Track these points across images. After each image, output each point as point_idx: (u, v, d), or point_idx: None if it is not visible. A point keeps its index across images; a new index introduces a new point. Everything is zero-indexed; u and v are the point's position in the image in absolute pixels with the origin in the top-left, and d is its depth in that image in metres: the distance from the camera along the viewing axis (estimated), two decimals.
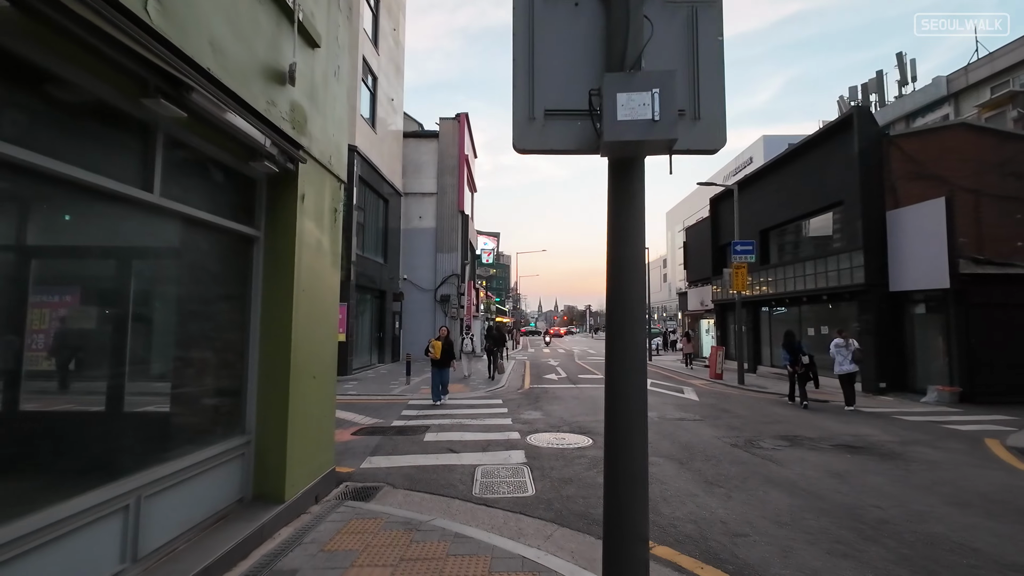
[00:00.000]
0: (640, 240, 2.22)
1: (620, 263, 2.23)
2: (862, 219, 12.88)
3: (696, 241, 25.24)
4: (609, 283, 2.26)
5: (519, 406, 10.17)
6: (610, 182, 2.18)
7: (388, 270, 19.23)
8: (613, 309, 2.27)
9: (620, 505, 2.12)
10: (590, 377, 16.34)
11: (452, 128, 22.30)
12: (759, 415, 9.26)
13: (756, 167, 18.60)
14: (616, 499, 2.18)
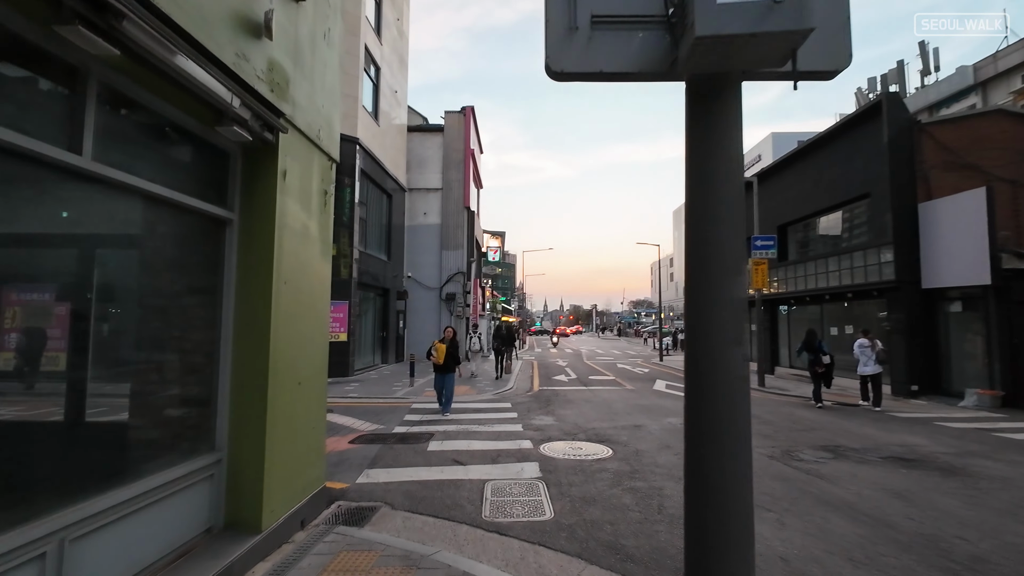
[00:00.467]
0: (738, 199, 1.58)
1: (705, 230, 1.58)
2: (892, 212, 12.13)
3: None
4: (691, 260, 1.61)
5: (529, 410, 9.53)
6: (691, 119, 1.54)
7: (392, 268, 18.65)
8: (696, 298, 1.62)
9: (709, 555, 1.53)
10: (602, 379, 15.67)
11: (458, 122, 21.68)
12: (789, 421, 8.57)
13: (773, 160, 17.85)
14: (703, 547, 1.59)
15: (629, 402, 10.68)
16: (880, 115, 12.57)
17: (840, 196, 14.19)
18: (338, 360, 13.93)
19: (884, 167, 12.35)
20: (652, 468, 5.61)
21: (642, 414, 9.14)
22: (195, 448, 3.32)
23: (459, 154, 21.51)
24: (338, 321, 14.04)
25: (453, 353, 8.97)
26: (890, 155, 12.24)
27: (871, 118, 12.99)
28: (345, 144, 14.25)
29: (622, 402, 10.68)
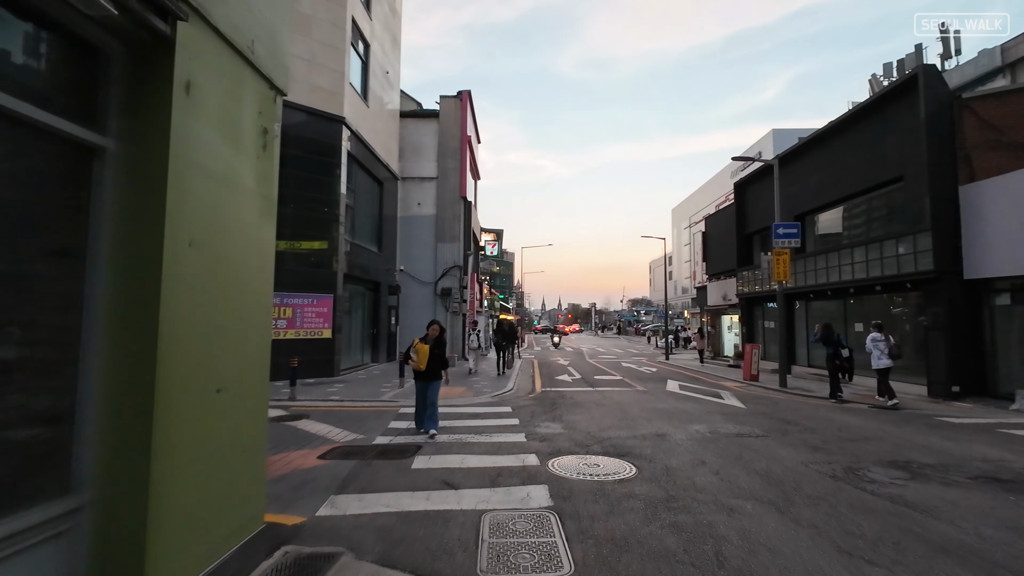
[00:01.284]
0: None
1: None
2: (930, 196, 11.02)
3: (717, 231, 23.39)
4: None
5: (533, 416, 8.39)
6: None
7: (383, 260, 17.49)
8: None
9: None
10: (608, 379, 14.54)
11: (454, 107, 20.51)
12: (833, 428, 7.45)
13: (790, 147, 16.71)
14: None
15: (644, 405, 9.55)
16: (915, 90, 11.46)
17: (868, 181, 13.08)
18: (322, 359, 12.78)
19: (921, 147, 11.24)
20: (692, 493, 4.47)
21: (662, 420, 8.01)
22: (40, 491, 2.17)
23: (455, 141, 20.34)
24: (322, 317, 12.88)
25: (439, 355, 7.03)
26: (927, 134, 11.13)
27: (904, 94, 11.88)
28: (331, 124, 13.11)
29: (636, 405, 9.55)
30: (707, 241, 24.59)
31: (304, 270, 12.70)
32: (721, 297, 22.24)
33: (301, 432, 7.06)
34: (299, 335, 12.48)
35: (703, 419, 8.10)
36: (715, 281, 23.37)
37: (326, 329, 12.93)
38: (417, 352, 6.85)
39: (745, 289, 19.40)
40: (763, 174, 19.06)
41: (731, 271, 21.15)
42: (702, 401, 10.23)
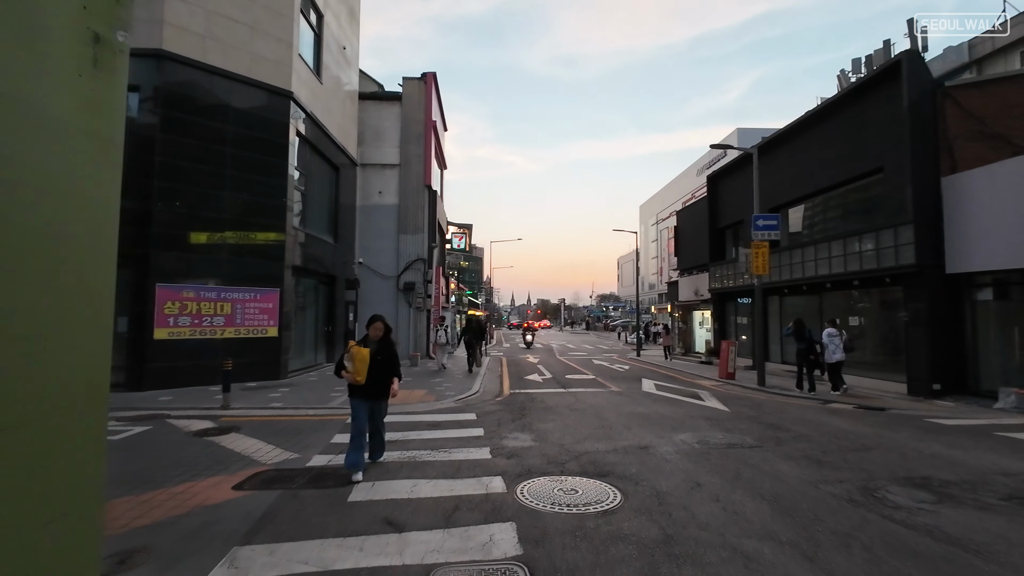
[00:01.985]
0: None
1: None
2: (912, 187, 10.64)
3: (689, 225, 22.99)
4: None
5: (500, 424, 7.46)
6: None
7: (340, 252, 16.19)
8: None
9: None
10: (580, 378, 13.75)
11: (418, 90, 19.28)
12: (827, 435, 6.80)
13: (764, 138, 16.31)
14: None
15: (622, 410, 8.75)
16: (898, 78, 11.05)
17: (846, 172, 12.69)
18: (267, 360, 11.50)
19: (903, 137, 10.84)
20: (694, 532, 3.63)
21: (643, 427, 7.21)
22: None
23: (419, 126, 19.13)
24: (267, 313, 11.57)
25: (387, 362, 5.09)
26: (911, 123, 10.73)
27: (885, 82, 11.47)
28: (277, 99, 11.79)
29: (612, 409, 8.75)
30: (678, 235, 24.19)
31: (246, 261, 11.36)
32: (693, 292, 21.86)
33: (222, 451, 5.91)
34: (239, 334, 11.15)
35: (687, 425, 7.35)
36: (687, 276, 22.99)
37: (271, 327, 11.63)
38: (354, 359, 4.83)
39: (718, 284, 19.00)
40: (736, 167, 18.68)
41: (703, 266, 20.76)
42: (682, 403, 9.53)
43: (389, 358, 5.15)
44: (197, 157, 10.68)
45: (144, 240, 10.02)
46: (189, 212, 10.56)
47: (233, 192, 11.15)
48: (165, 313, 10.19)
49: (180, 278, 10.41)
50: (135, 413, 8.08)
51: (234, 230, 11.18)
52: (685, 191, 51.41)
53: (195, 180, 10.65)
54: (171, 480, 4.82)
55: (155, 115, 10.17)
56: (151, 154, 10.10)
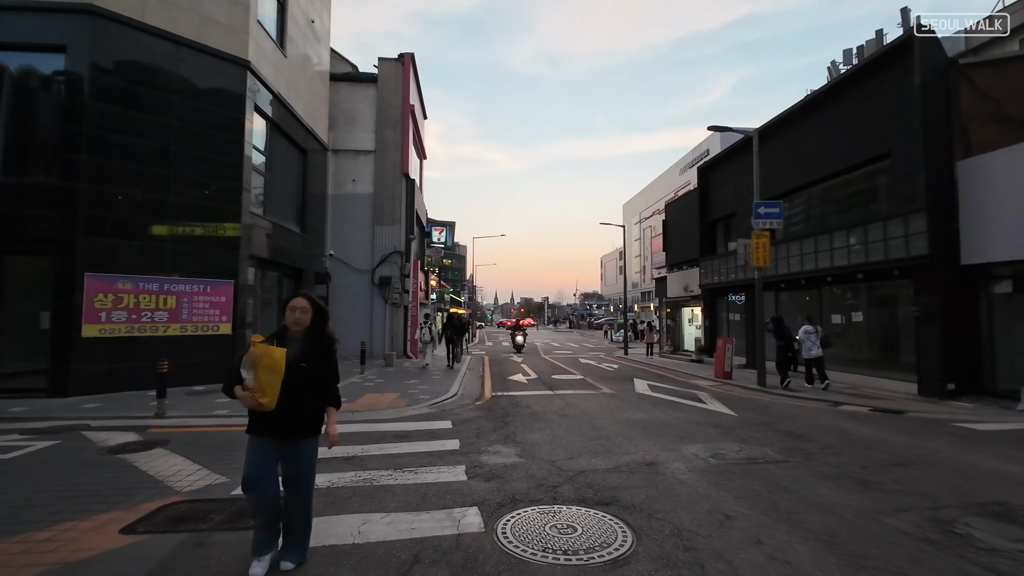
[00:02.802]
0: None
1: None
2: (924, 173, 9.89)
3: (679, 219, 22.22)
4: None
5: (479, 434, 6.41)
6: None
7: (307, 243, 14.93)
8: None
9: None
10: (568, 378, 12.77)
11: (394, 71, 18.07)
12: (857, 445, 5.92)
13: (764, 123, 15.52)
14: None
15: (618, 415, 7.78)
16: (908, 56, 10.30)
17: (850, 159, 11.93)
18: (218, 360, 10.25)
19: (915, 119, 10.08)
20: None
21: (646, 438, 6.24)
22: None
23: (396, 110, 17.94)
24: (218, 307, 10.32)
25: (320, 377, 2.92)
26: (923, 104, 9.98)
27: (895, 61, 10.72)
28: (231, 68, 10.54)
29: (607, 415, 7.76)
30: (667, 229, 23.42)
31: (195, 249, 10.09)
32: (682, 288, 21.09)
33: (133, 474, 4.75)
34: (186, 331, 9.89)
35: (695, 435, 6.40)
36: (676, 272, 22.22)
37: (224, 323, 10.38)
38: (256, 365, 2.63)
39: (709, 280, 18.23)
40: (729, 157, 17.93)
41: (693, 261, 19.99)
42: (682, 407, 8.59)
43: (321, 368, 2.90)
44: (135, 130, 9.38)
45: (70, 224, 8.69)
46: (125, 193, 9.25)
47: (179, 171, 9.86)
48: (96, 307, 8.88)
49: (115, 267, 9.10)
50: (47, 424, 6.82)
51: (181, 214, 9.90)
52: (668, 190, 51.09)
53: (133, 156, 9.34)
54: (46, 519, 3.67)
55: (83, 80, 8.85)
56: (77, 124, 8.77)
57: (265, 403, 2.66)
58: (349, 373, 12.51)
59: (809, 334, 10.77)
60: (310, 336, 2.95)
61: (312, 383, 2.88)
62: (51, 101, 9.04)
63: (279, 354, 2.70)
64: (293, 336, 2.93)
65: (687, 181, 41.93)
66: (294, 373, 2.75)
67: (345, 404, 8.30)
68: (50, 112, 8.99)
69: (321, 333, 3.00)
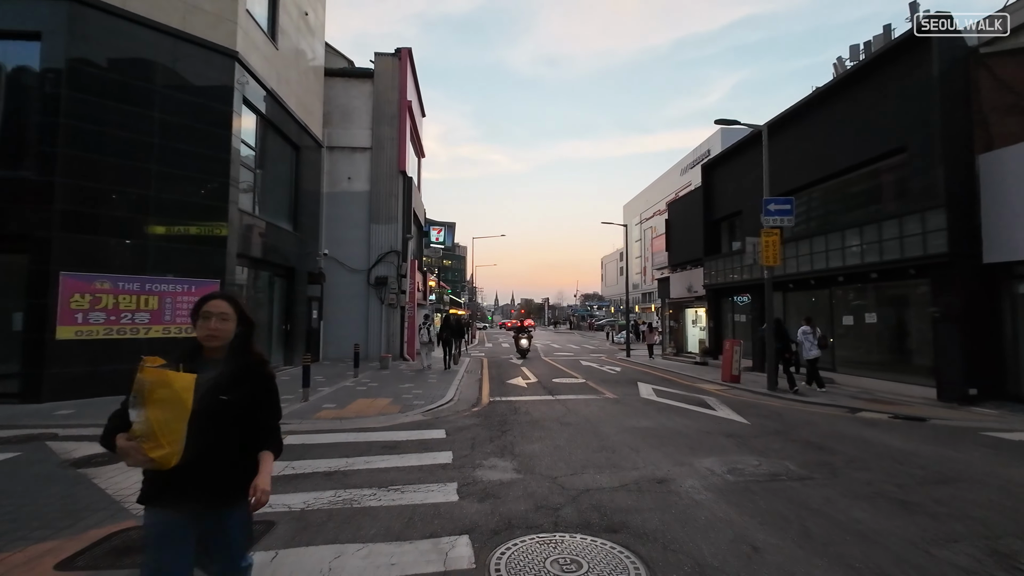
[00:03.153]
0: None
1: None
2: (944, 167, 9.43)
3: (682, 218, 21.76)
4: None
5: (474, 445, 5.94)
6: None
7: (301, 242, 14.49)
8: None
9: None
10: (570, 382, 12.30)
11: (391, 66, 17.63)
12: (885, 458, 5.45)
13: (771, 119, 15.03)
14: None
15: (622, 422, 7.31)
16: (926, 45, 9.85)
17: (863, 154, 11.47)
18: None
19: (933, 111, 9.63)
20: None
21: (654, 448, 5.78)
22: None
23: (393, 106, 17.50)
24: None
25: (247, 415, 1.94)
26: (942, 95, 9.53)
27: (909, 53, 10.26)
28: (218, 58, 10.12)
29: (611, 422, 7.30)
30: (670, 229, 22.95)
31: (179, 247, 9.64)
32: (686, 289, 20.62)
33: (90, 492, 4.30)
34: (169, 333, 9.43)
35: (707, 445, 5.93)
36: (679, 272, 21.75)
37: None
38: (144, 402, 1.62)
39: (713, 280, 17.77)
40: (733, 155, 17.47)
41: (697, 260, 19.52)
42: (691, 414, 8.13)
43: (251, 400, 1.96)
44: (116, 123, 8.94)
45: (45, 220, 8.24)
46: (105, 188, 8.80)
47: (163, 166, 9.41)
48: (72, 308, 8.43)
49: (93, 266, 8.65)
50: (12, 432, 6.38)
51: (164, 211, 9.45)
52: (669, 190, 50.74)
53: (113, 150, 8.90)
54: None
55: (60, 69, 8.41)
56: (54, 116, 8.33)
57: (161, 458, 1.64)
58: (342, 377, 12.06)
59: (807, 335, 10.69)
60: (234, 355, 1.97)
61: (238, 423, 1.91)
62: (26, 91, 8.60)
63: (183, 383, 1.69)
64: (210, 357, 1.93)
65: (688, 182, 41.54)
66: (209, 409, 1.79)
67: (333, 411, 7.85)
68: (25, 103, 8.54)
69: (245, 351, 2.01)
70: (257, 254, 11.78)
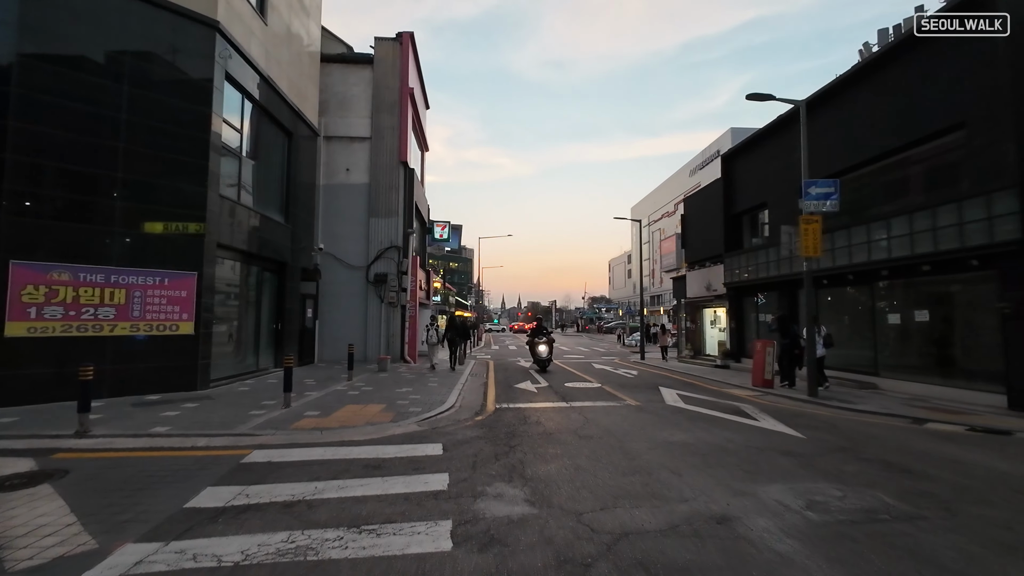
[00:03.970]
0: None
1: None
2: (1014, 143, 8.25)
3: (699, 214, 20.59)
4: None
5: (476, 465, 4.85)
6: None
7: (294, 235, 13.50)
8: None
9: None
10: (584, 386, 11.17)
11: (392, 52, 16.66)
12: (999, 485, 4.31)
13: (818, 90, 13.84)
14: None
15: (652, 435, 6.20)
16: (990, 6, 8.69)
17: (912, 133, 10.29)
18: (178, 365, 8.82)
19: (999, 79, 8.47)
20: None
21: (698, 470, 4.65)
22: None
23: (394, 93, 16.51)
24: (177, 303, 8.87)
25: None
26: (1011, 64, 8.36)
27: (971, 7, 9.09)
28: (195, 28, 9.14)
29: (640, 436, 6.17)
30: (686, 225, 21.79)
31: (150, 236, 8.67)
32: (704, 287, 19.42)
33: None
34: (138, 330, 8.43)
35: (764, 466, 4.80)
36: (696, 270, 20.56)
37: (184, 321, 8.92)
38: None
39: (734, 278, 16.58)
40: (758, 142, 16.30)
41: (716, 257, 18.34)
42: (729, 424, 6.98)
43: None
44: (77, 94, 7.98)
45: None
46: (64, 167, 7.83)
47: (132, 144, 8.44)
48: (24, 301, 7.44)
49: (49, 254, 7.67)
50: None
51: (133, 194, 8.46)
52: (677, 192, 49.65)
53: (75, 124, 7.93)
54: None
55: (11, 32, 7.46)
56: (3, 84, 7.37)
57: None
58: (334, 381, 11.02)
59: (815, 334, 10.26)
60: None
61: None
62: None
63: None
64: None
65: (697, 182, 40.46)
66: None
67: (315, 419, 6.79)
68: None
69: None
70: (242, 246, 10.78)
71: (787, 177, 13.84)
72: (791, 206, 13.47)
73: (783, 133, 14.41)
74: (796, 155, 13.15)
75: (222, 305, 10.49)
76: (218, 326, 10.18)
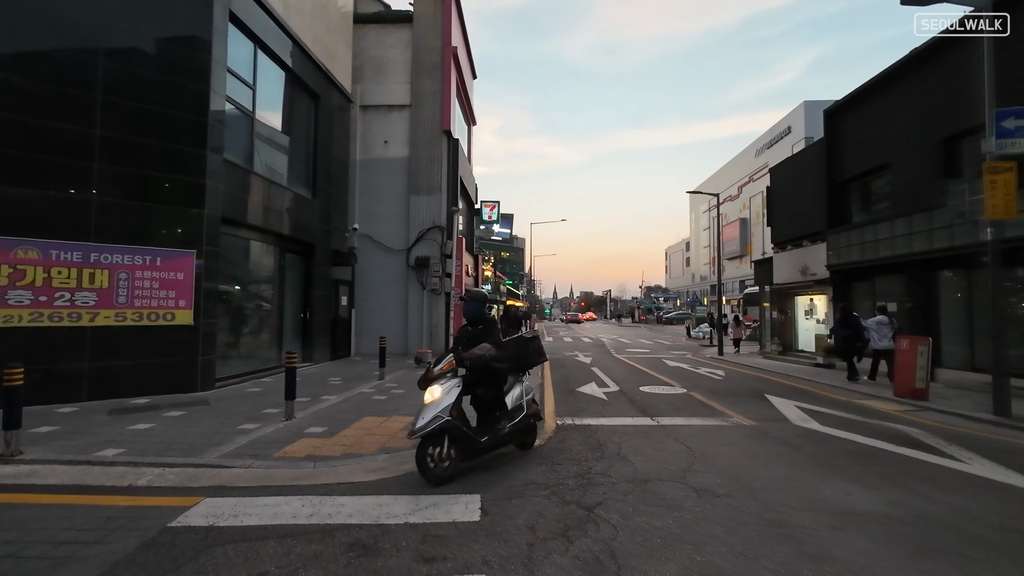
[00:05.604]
0: None
1: None
2: None
3: (790, 184, 17.45)
4: None
5: (532, 560, 2.80)
6: None
7: (326, 215, 11.96)
8: None
9: None
10: (665, 392, 8.88)
11: (432, 8, 14.75)
12: None
13: (942, 30, 10.65)
14: None
15: (814, 496, 3.92)
16: None
17: None
18: (172, 361, 7.36)
19: None
20: None
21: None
22: None
23: (435, 55, 14.63)
24: (172, 287, 7.39)
25: None
26: None
27: None
28: None
29: (794, 496, 3.91)
30: (771, 199, 18.65)
31: (137, 206, 7.21)
32: (798, 271, 16.36)
33: None
34: (124, 320, 7.02)
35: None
36: (785, 251, 17.47)
37: (181, 309, 7.44)
38: None
39: (842, 258, 13.56)
40: (871, 93, 13.11)
41: (815, 234, 15.27)
42: (925, 470, 4.55)
43: None
44: (43, 36, 6.56)
45: None
46: (29, 121, 6.44)
47: (113, 96, 6.97)
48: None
49: (12, 227, 6.33)
50: None
51: (115, 155, 7.02)
52: (742, 174, 45.56)
53: (40, 71, 6.53)
54: None
55: None
56: None
57: None
58: (363, 380, 9.36)
59: (882, 325, 9.85)
60: None
61: None
62: None
63: None
64: None
65: (764, 163, 36.69)
66: None
67: (315, 441, 4.97)
68: None
69: None
70: (258, 222, 9.27)
71: (926, 126, 10.77)
72: (926, 165, 10.48)
73: (921, 72, 11.26)
74: (939, 98, 10.15)
75: (232, 291, 9.04)
76: (229, 316, 8.72)
